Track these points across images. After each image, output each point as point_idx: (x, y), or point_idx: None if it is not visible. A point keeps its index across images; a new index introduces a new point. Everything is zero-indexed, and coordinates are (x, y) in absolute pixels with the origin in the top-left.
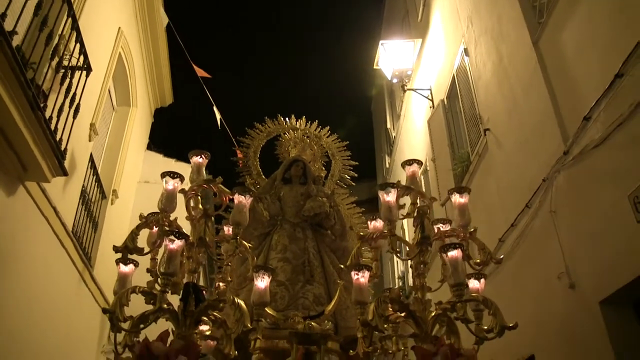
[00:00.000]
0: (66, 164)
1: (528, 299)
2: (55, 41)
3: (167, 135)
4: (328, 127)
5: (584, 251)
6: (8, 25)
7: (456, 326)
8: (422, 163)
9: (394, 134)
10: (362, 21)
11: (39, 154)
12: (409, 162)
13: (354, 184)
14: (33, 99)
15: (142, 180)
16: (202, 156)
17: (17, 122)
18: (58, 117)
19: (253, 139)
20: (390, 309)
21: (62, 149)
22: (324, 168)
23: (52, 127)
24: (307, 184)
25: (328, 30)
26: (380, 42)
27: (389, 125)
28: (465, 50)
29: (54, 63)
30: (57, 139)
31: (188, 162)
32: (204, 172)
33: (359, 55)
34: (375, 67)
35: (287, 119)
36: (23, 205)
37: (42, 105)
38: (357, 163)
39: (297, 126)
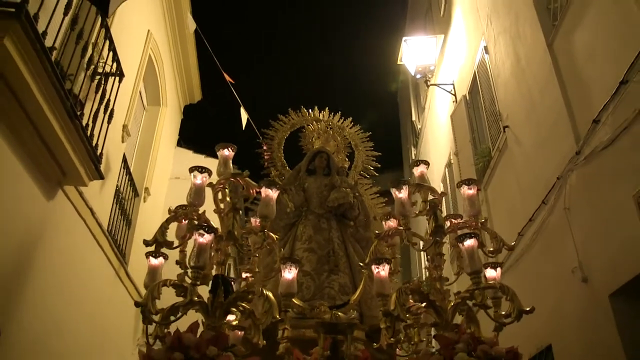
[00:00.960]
0: (102, 167)
1: (546, 291)
2: (90, 52)
3: (197, 131)
4: (351, 118)
5: (595, 247)
6: (48, 42)
7: (475, 315)
8: (428, 163)
9: (419, 126)
10: (386, 15)
11: (77, 160)
12: (417, 163)
13: (377, 174)
14: (71, 109)
15: (173, 177)
16: (229, 149)
17: (57, 131)
18: (94, 122)
19: (277, 131)
20: (411, 301)
21: (98, 153)
22: (347, 159)
23: (88, 132)
24: (331, 175)
25: (353, 24)
26: (403, 38)
27: (414, 118)
28: (485, 48)
29: (89, 72)
30: (94, 144)
31: (217, 157)
32: (231, 165)
33: (384, 48)
34: (399, 62)
35: (310, 110)
36: (62, 208)
37: (79, 113)
38: (380, 153)
39: (320, 117)
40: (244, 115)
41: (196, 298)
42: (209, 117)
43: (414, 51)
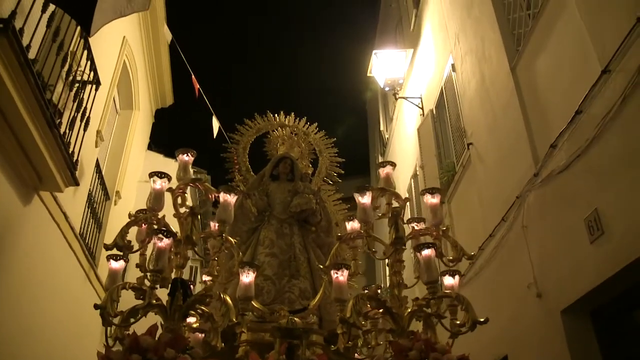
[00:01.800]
0: (77, 173)
1: (503, 303)
2: (69, 61)
3: (168, 135)
4: (316, 124)
5: (549, 265)
6: (31, 54)
7: (432, 321)
8: (395, 165)
9: (386, 136)
10: (358, 24)
11: (54, 167)
12: (383, 164)
13: (342, 180)
14: (50, 119)
15: (143, 180)
16: (188, 154)
17: (36, 139)
18: (70, 129)
19: (243, 135)
20: (369, 306)
21: (74, 160)
22: (311, 165)
23: (66, 140)
24: (295, 181)
25: (326, 33)
26: (374, 51)
27: (382, 128)
28: (453, 65)
29: (67, 81)
30: (70, 151)
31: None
32: (191, 170)
33: (355, 58)
34: (368, 74)
35: (275, 115)
36: (37, 212)
37: (57, 121)
38: (343, 160)
39: (286, 122)
40: (216, 124)
41: (155, 301)
42: (180, 121)
43: (384, 64)
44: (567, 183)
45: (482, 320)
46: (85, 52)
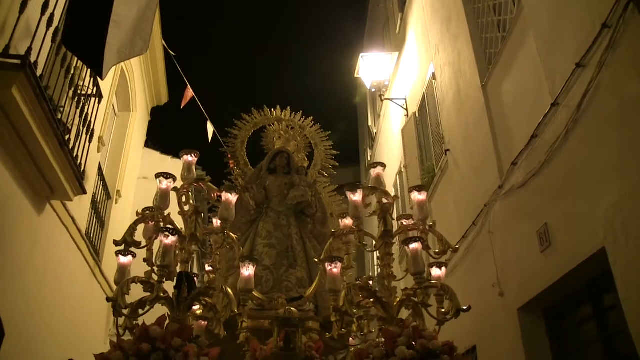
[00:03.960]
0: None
1: (473, 300)
2: (76, 80)
3: (163, 132)
4: (311, 118)
5: (510, 268)
6: (44, 81)
7: (421, 309)
8: (385, 165)
9: (375, 131)
10: (347, 23)
11: (64, 180)
12: (374, 165)
13: (337, 168)
14: (62, 138)
15: (141, 177)
16: (192, 155)
17: (48, 156)
18: (75, 140)
19: (240, 130)
20: (361, 296)
21: (82, 170)
22: (306, 158)
23: (73, 152)
24: (291, 174)
25: (317, 27)
26: (360, 54)
27: (370, 123)
28: (434, 74)
29: (74, 97)
30: (78, 162)
31: None
32: (194, 170)
33: (346, 54)
34: (356, 76)
35: (272, 109)
36: (49, 219)
37: (67, 137)
38: (338, 152)
39: (282, 117)
40: (210, 129)
41: (162, 294)
42: (175, 119)
43: (370, 66)
44: (524, 198)
45: (464, 308)
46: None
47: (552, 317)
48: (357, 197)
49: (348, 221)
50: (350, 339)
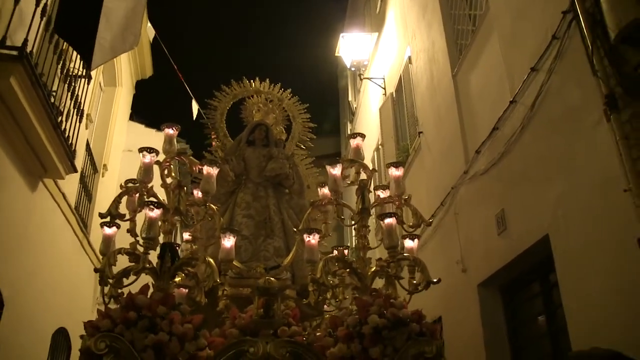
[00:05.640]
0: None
1: (439, 274)
2: (67, 64)
3: (148, 105)
4: (290, 90)
5: (471, 247)
6: (38, 68)
7: (393, 280)
8: (364, 136)
9: (354, 106)
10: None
11: (57, 159)
12: (354, 136)
13: (315, 144)
14: (55, 122)
15: (126, 149)
16: (173, 128)
17: (42, 138)
18: (66, 122)
19: (220, 102)
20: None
21: (72, 150)
22: (284, 131)
23: (66, 133)
24: (269, 147)
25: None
26: (341, 34)
27: (350, 98)
28: (410, 58)
29: (64, 79)
30: (69, 143)
31: None
32: (176, 143)
33: (327, 27)
34: (336, 54)
35: (251, 81)
36: (42, 196)
37: (59, 120)
38: (315, 125)
39: (261, 89)
40: (195, 106)
41: (147, 265)
42: (159, 92)
43: (350, 46)
44: (485, 184)
45: (435, 280)
46: None
47: (507, 292)
48: (336, 171)
49: (326, 190)
50: (325, 306)
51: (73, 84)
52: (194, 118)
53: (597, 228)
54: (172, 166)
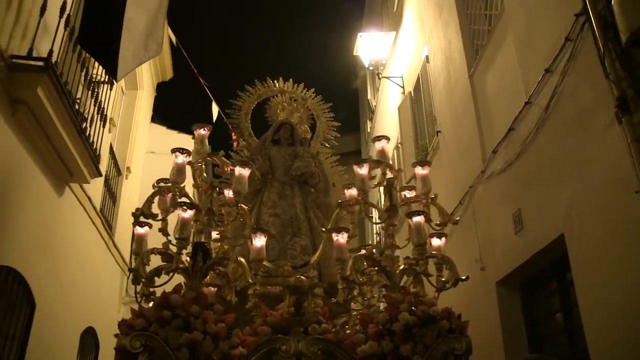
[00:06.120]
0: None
1: (459, 272)
2: (91, 71)
3: (169, 107)
4: (313, 90)
5: (489, 245)
6: (63, 77)
7: (421, 278)
8: (389, 139)
9: (374, 104)
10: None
11: (82, 164)
12: (379, 138)
13: (336, 143)
14: (80, 128)
15: (149, 151)
16: (205, 128)
17: (68, 144)
18: (90, 127)
19: (244, 102)
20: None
21: (97, 154)
22: (309, 130)
23: (90, 137)
24: (295, 145)
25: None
26: (359, 34)
27: (369, 97)
28: (427, 57)
29: (89, 85)
30: (94, 148)
31: (189, 133)
32: (207, 143)
33: (345, 27)
34: (354, 54)
35: (275, 81)
36: (68, 200)
37: (83, 126)
38: (339, 124)
39: (285, 89)
40: (215, 108)
41: (181, 265)
42: (180, 94)
43: (368, 45)
44: (502, 183)
45: (463, 278)
46: None
47: (524, 290)
48: (363, 170)
49: (353, 191)
50: (352, 303)
51: (96, 90)
52: (214, 120)
53: (610, 229)
54: (203, 166)
